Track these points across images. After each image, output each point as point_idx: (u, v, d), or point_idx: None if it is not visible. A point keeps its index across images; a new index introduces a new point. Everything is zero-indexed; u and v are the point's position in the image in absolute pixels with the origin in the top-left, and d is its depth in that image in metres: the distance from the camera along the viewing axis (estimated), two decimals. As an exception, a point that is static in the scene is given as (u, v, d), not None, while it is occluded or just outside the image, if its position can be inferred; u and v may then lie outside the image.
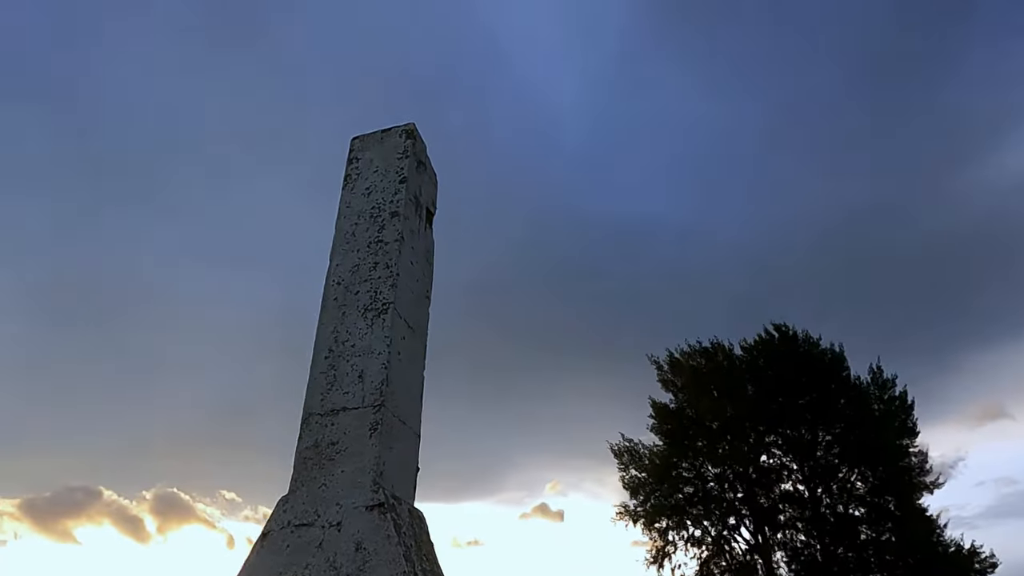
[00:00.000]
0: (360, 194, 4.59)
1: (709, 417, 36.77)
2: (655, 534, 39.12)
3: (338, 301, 4.22)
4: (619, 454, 40.33)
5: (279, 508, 3.61)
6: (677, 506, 38.44)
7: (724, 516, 38.63)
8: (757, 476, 37.43)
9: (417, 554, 3.44)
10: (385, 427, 3.70)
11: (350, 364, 3.94)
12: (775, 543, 37.82)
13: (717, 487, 39.00)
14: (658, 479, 38.07)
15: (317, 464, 3.68)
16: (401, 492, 3.71)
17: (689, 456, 38.01)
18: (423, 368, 4.35)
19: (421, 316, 4.44)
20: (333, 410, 3.82)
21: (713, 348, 38.55)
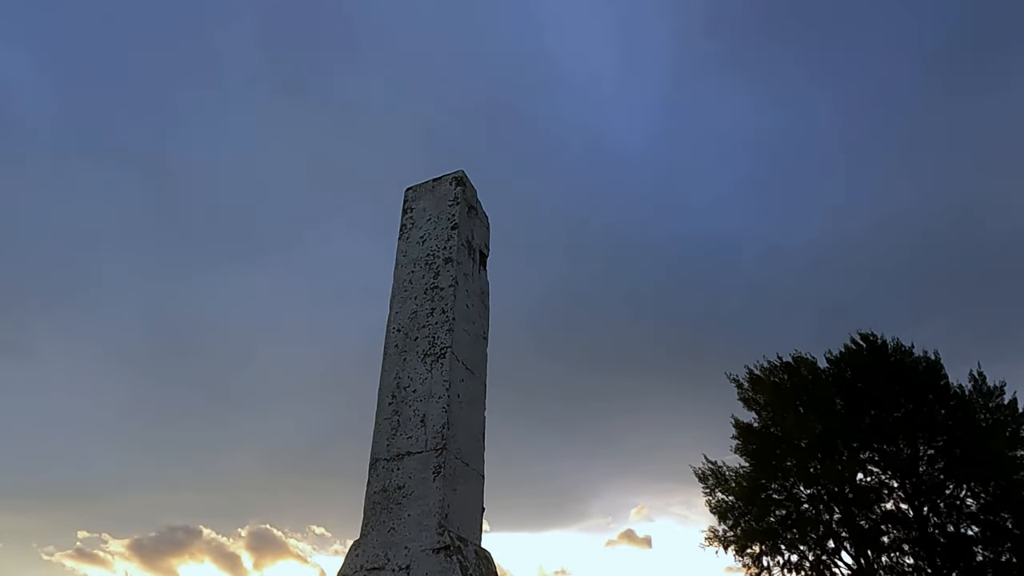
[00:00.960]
0: (415, 242, 4.78)
1: (796, 435, 35.13)
2: (748, 560, 37.38)
3: (399, 347, 4.39)
4: (704, 477, 38.97)
5: (351, 553, 3.76)
6: (769, 530, 36.70)
7: (821, 540, 36.58)
8: (854, 496, 35.32)
9: (484, 596, 3.50)
10: (448, 470, 3.81)
11: (412, 409, 4.08)
12: (880, 567, 35.46)
13: (811, 508, 37.03)
14: (747, 502, 36.53)
15: (385, 508, 3.81)
16: (467, 533, 3.79)
17: (778, 477, 36.34)
18: (484, 409, 4.45)
19: (479, 358, 4.55)
20: (398, 455, 3.96)
21: (796, 362, 36.97)
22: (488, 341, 4.77)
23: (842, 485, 34.80)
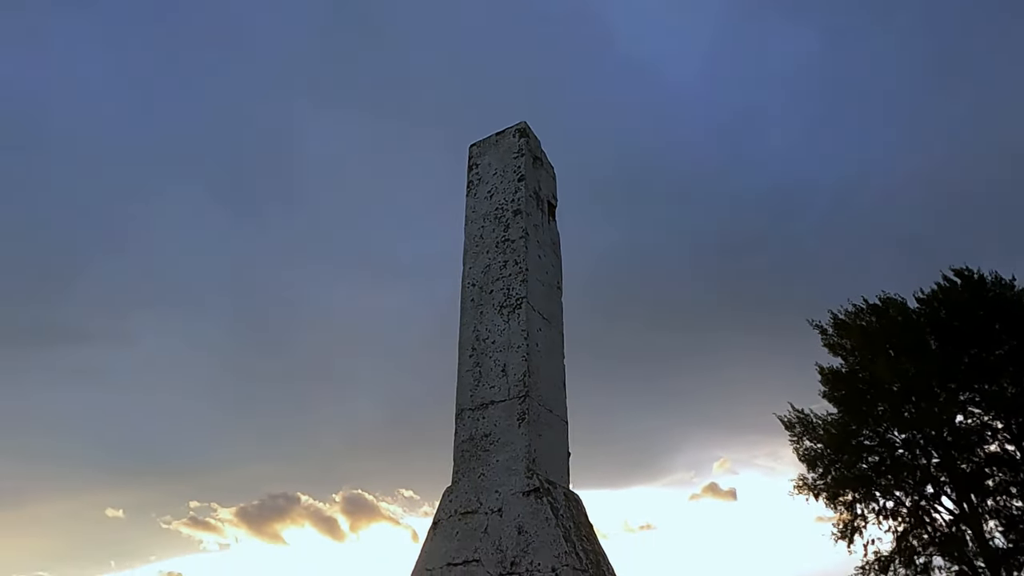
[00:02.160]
0: (483, 198, 4.80)
1: (888, 379, 33.63)
2: (841, 508, 36.48)
3: (475, 301, 4.46)
4: (790, 426, 38.03)
5: (445, 498, 3.90)
6: (862, 476, 35.57)
7: (919, 485, 35.17)
8: (954, 439, 33.66)
9: (577, 535, 3.57)
10: (532, 416, 3.87)
11: (492, 360, 4.15)
12: (985, 511, 33.84)
13: (907, 453, 35.59)
14: (837, 449, 35.46)
15: (474, 456, 3.93)
16: (555, 476, 3.86)
17: (869, 423, 35.03)
18: (563, 357, 4.48)
19: (555, 307, 4.57)
20: (482, 404, 4.05)
21: (884, 304, 35.22)
22: (562, 291, 4.78)
23: (940, 428, 33.22)
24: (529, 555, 3.42)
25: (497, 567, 3.48)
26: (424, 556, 3.77)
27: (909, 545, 36.51)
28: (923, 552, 36.47)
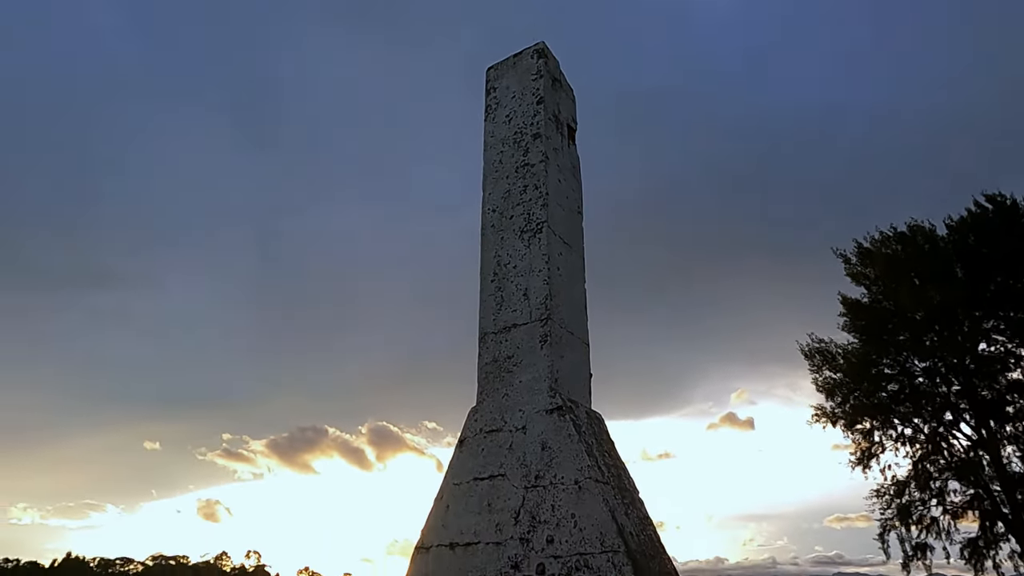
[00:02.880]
0: (501, 122, 4.72)
1: (911, 307, 33.35)
2: (858, 435, 36.92)
3: (495, 227, 4.45)
4: (810, 355, 38.08)
5: (471, 417, 4.02)
6: (881, 405, 35.82)
7: (938, 412, 35.36)
8: (976, 366, 33.57)
9: (599, 450, 3.67)
10: (554, 338, 3.93)
11: (514, 284, 4.18)
12: (1004, 437, 34.04)
13: (927, 382, 35.63)
14: (856, 378, 35.59)
15: (497, 377, 4.01)
16: (577, 396, 3.95)
17: (890, 352, 34.98)
18: (584, 281, 4.49)
19: (575, 231, 4.55)
20: (505, 327, 4.11)
21: (911, 231, 34.52)
22: (583, 216, 4.75)
23: (962, 356, 33.08)
24: (553, 469, 3.55)
25: (522, 480, 3.62)
26: (451, 471, 3.92)
27: (925, 470, 37.01)
28: (939, 477, 36.99)
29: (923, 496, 37.43)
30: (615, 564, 3.15)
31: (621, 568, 3.13)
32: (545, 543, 3.38)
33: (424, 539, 3.81)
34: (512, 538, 3.49)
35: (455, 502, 3.80)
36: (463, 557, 3.61)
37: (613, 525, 3.24)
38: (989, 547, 37.13)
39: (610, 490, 3.45)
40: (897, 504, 37.40)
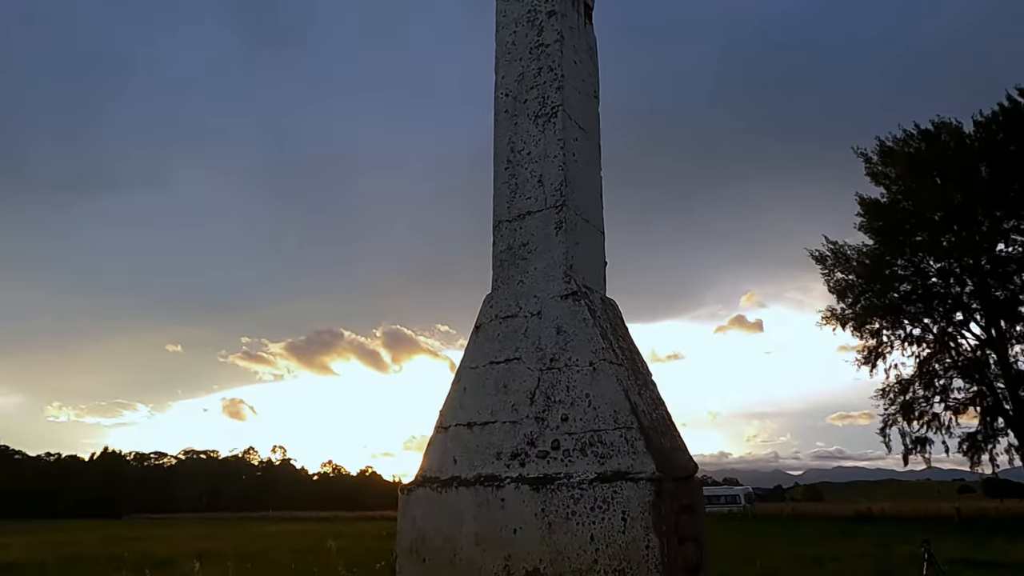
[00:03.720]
0: (514, 0, 4.47)
1: (930, 207, 32.83)
2: (866, 335, 37.41)
3: (508, 112, 4.31)
4: (822, 258, 38.12)
5: (486, 304, 4.06)
6: (892, 306, 36.08)
7: (949, 312, 35.65)
8: (992, 266, 33.45)
9: (613, 334, 3.72)
10: (569, 225, 3.88)
11: (528, 170, 4.10)
12: (1013, 336, 34.34)
13: (940, 282, 35.70)
14: (869, 279, 35.68)
15: (512, 264, 4.01)
16: (591, 283, 3.95)
17: (905, 252, 34.81)
18: (599, 167, 4.39)
19: (591, 116, 4.40)
20: (519, 215, 4.07)
21: (937, 128, 33.40)
22: (599, 100, 4.57)
23: (979, 256, 32.89)
24: (568, 352, 3.60)
25: (537, 363, 3.69)
26: (468, 356, 4.00)
27: (931, 369, 37.68)
28: (944, 375, 37.71)
29: (926, 394, 38.34)
30: (627, 439, 3.26)
31: (633, 443, 3.23)
32: (560, 421, 3.48)
33: (443, 419, 3.95)
34: (528, 417, 3.60)
35: (472, 385, 3.90)
36: (480, 435, 3.75)
37: (626, 403, 3.33)
38: (987, 441, 38.33)
39: (624, 371, 3.52)
40: (901, 401, 38.41)
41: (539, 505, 3.33)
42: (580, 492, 3.23)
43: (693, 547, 3.19)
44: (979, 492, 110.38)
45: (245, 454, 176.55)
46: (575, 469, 3.33)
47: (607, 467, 3.25)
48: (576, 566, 3.14)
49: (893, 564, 15.65)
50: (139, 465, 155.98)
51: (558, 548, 3.21)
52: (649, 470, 3.12)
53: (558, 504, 3.27)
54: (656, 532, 2.98)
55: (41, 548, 25.35)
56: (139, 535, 36.04)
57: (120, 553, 20.84)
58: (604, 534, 3.11)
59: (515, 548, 3.34)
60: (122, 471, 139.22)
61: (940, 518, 39.40)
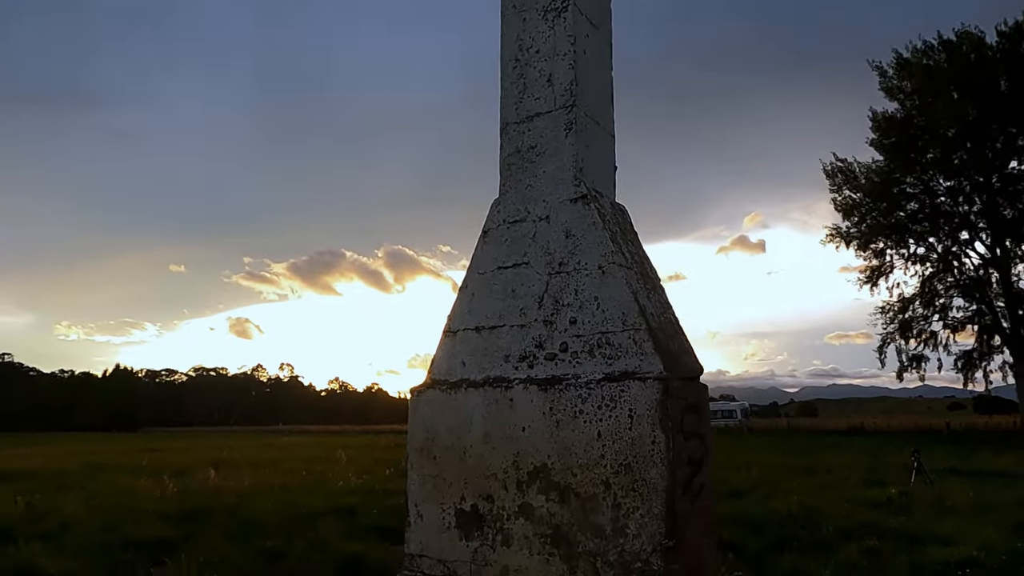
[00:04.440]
0: None
1: (944, 124, 32.03)
2: (870, 255, 37.38)
3: (516, 8, 4.11)
4: (831, 174, 37.58)
5: (493, 209, 4.00)
6: (898, 224, 35.88)
7: (954, 231, 35.50)
8: (1002, 185, 33.01)
9: (623, 238, 3.68)
10: (579, 126, 3.77)
11: (537, 70, 3.94)
12: (1017, 256, 34.27)
13: (948, 201, 35.34)
14: (876, 197, 35.31)
15: (520, 168, 3.92)
16: (601, 188, 3.87)
17: (915, 170, 34.28)
18: (610, 67, 4.22)
19: (602, 10, 4.19)
20: (528, 116, 3.94)
21: (959, 39, 32.10)
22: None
23: (990, 174, 32.40)
24: (576, 256, 3.58)
25: (545, 268, 3.67)
26: (475, 262, 3.98)
27: (932, 288, 37.87)
28: (944, 294, 37.93)
29: (926, 312, 38.75)
30: (636, 340, 3.28)
31: (641, 344, 3.25)
32: (568, 324, 3.50)
33: (451, 324, 3.97)
34: (536, 320, 3.62)
35: (480, 290, 3.90)
36: (488, 339, 3.78)
37: (635, 306, 3.32)
38: (982, 359, 39.00)
39: (633, 275, 3.50)
40: (900, 319, 38.84)
41: (547, 404, 3.39)
42: (588, 391, 3.28)
43: (697, 443, 3.27)
44: (969, 409, 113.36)
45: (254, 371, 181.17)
46: (583, 370, 3.37)
47: (615, 368, 3.28)
48: (583, 461, 3.22)
49: (883, 473, 16.24)
50: (151, 382, 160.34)
51: (566, 444, 3.29)
52: (656, 370, 3.15)
53: (566, 403, 3.33)
54: (662, 428, 3.04)
55: (60, 458, 26.38)
56: (156, 446, 37.43)
57: (138, 462, 21.69)
58: (611, 431, 3.18)
59: (523, 445, 3.43)
60: (135, 387, 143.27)
61: (930, 432, 40.66)
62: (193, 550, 7.72)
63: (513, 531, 3.39)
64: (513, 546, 3.38)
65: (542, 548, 3.29)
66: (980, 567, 6.82)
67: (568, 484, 3.26)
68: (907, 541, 8.24)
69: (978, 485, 13.62)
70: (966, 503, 11.19)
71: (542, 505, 3.32)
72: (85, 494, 13.32)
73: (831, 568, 6.11)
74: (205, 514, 10.69)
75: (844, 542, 8.22)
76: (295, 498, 12.38)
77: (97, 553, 7.69)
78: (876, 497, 11.99)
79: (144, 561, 7.12)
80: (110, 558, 7.57)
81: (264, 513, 10.66)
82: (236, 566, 7.14)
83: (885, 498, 11.89)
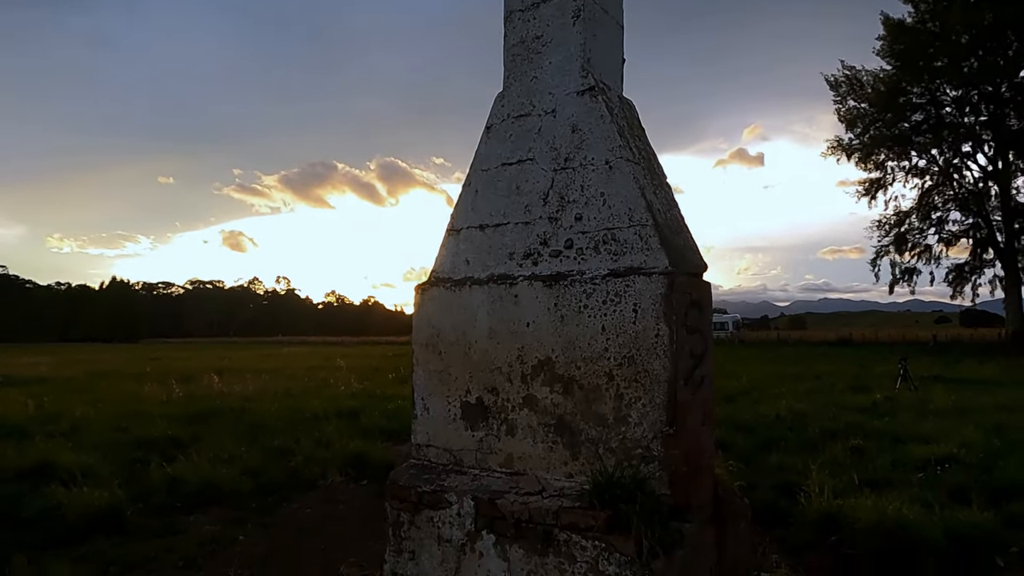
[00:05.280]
0: None
1: (959, 29, 30.83)
2: (871, 167, 36.95)
3: None
4: (836, 85, 36.59)
5: (497, 103, 3.88)
6: (901, 135, 35.28)
7: (957, 143, 34.97)
8: (1011, 94, 32.16)
9: (630, 133, 3.59)
10: (587, 14, 3.59)
11: (544, -49, 3.71)
12: (1019, 169, 33.96)
13: (954, 111, 34.66)
14: (881, 108, 34.53)
15: (525, 59, 3.77)
16: (609, 81, 3.74)
17: (924, 79, 33.36)
18: (620, -49, 3.98)
19: None
20: (533, 3, 3.75)
21: (978, -62, 30.32)
22: None
23: (999, 83, 31.52)
24: (583, 151, 3.50)
25: (551, 163, 3.60)
26: (478, 159, 3.89)
27: (930, 201, 37.75)
28: (942, 207, 37.85)
29: (922, 225, 38.82)
30: (642, 236, 3.26)
31: (647, 239, 3.24)
32: (574, 220, 3.47)
33: (454, 222, 3.94)
34: (541, 218, 3.58)
35: (483, 187, 3.84)
36: (493, 236, 3.75)
37: (642, 201, 3.29)
38: (973, 272, 39.41)
39: (640, 170, 3.44)
40: (896, 232, 38.91)
41: (552, 300, 3.41)
42: (593, 287, 3.29)
43: (699, 337, 3.32)
44: (955, 322, 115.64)
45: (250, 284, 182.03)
46: (588, 266, 3.38)
47: (620, 264, 3.28)
48: (587, 354, 3.28)
49: (870, 380, 16.75)
50: (148, 294, 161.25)
51: (570, 339, 3.34)
52: (662, 265, 3.15)
53: (571, 299, 3.36)
54: (666, 322, 3.08)
55: (65, 366, 26.91)
56: (158, 355, 38.13)
57: (142, 370, 22.15)
58: (615, 325, 3.21)
59: (528, 340, 3.48)
60: (132, 300, 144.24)
61: (917, 344, 41.63)
62: (203, 448, 8.01)
63: (517, 421, 3.50)
64: (518, 435, 3.49)
65: (546, 437, 3.40)
66: (959, 463, 7.16)
67: (572, 376, 3.33)
68: (891, 440, 8.60)
69: (961, 391, 14.09)
70: (948, 407, 11.61)
71: (546, 396, 3.41)
72: (93, 398, 13.68)
73: (817, 465, 6.39)
74: (212, 416, 11.03)
75: (830, 442, 8.58)
76: (299, 403, 12.74)
77: (111, 450, 7.98)
78: (862, 402, 12.43)
79: (156, 458, 7.39)
80: (124, 455, 7.86)
81: (270, 415, 11.00)
82: (246, 462, 7.43)
83: (871, 402, 12.32)
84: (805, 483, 5.79)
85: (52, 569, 4.41)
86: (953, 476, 6.63)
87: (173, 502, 6.12)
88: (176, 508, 6.03)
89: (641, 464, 3.08)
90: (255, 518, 5.93)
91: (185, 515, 5.91)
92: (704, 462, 3.40)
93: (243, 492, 6.50)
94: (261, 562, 4.88)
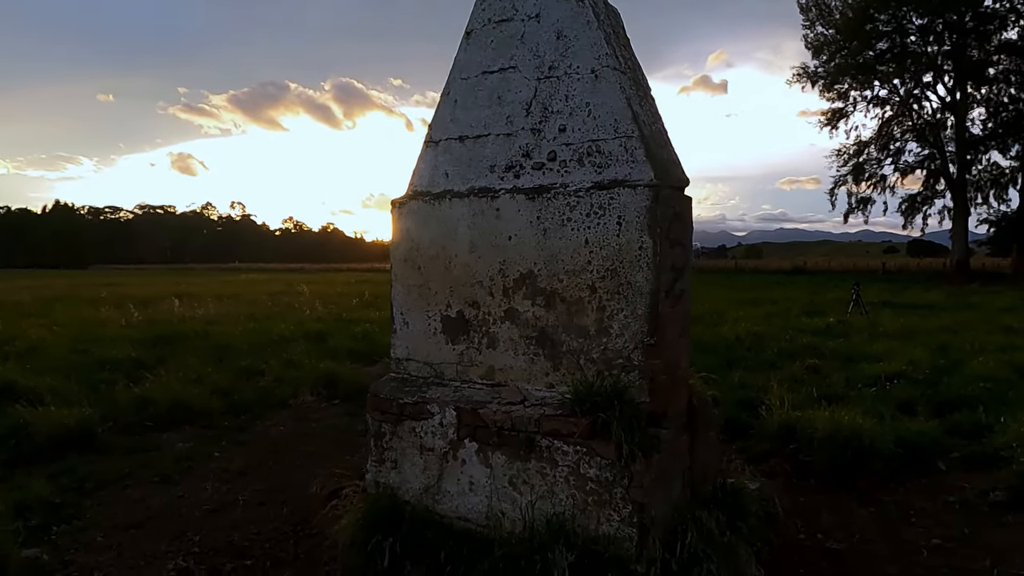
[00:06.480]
0: None
1: (928, -46, 30.42)
2: (834, 95, 37.06)
3: None
4: (805, 9, 36.09)
5: (477, 6, 3.70)
6: (865, 64, 35.34)
7: (920, 72, 35.17)
8: (975, 24, 32.26)
9: (616, 41, 3.48)
10: (574, -89, 3.40)
11: None
12: (976, 101, 34.52)
13: (919, 40, 34.63)
14: (849, 35, 34.37)
15: (507, -40, 3.58)
16: (594, -14, 3.59)
17: (891, 5, 33.06)
18: None
19: None
20: None
21: None
22: None
23: (964, 12, 31.53)
24: (568, 59, 3.39)
25: (535, 72, 3.48)
26: (457, 66, 3.74)
27: (889, 132, 38.31)
28: (900, 138, 38.48)
29: (880, 156, 39.51)
30: (627, 148, 3.22)
31: (633, 151, 3.20)
32: (557, 132, 3.39)
33: (432, 133, 3.82)
34: (523, 129, 3.50)
35: (463, 96, 3.71)
36: (473, 148, 3.66)
37: (628, 112, 3.23)
38: (925, 202, 40.56)
39: (627, 80, 3.36)
40: (854, 162, 39.58)
41: (534, 213, 3.38)
42: (576, 200, 3.26)
43: (680, 251, 3.35)
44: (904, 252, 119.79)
45: (203, 210, 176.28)
46: (572, 179, 3.33)
47: (605, 176, 3.25)
48: (570, 267, 3.29)
49: (823, 306, 17.38)
50: (95, 219, 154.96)
51: (552, 252, 3.34)
52: (647, 177, 3.13)
53: (554, 212, 3.33)
54: (650, 234, 3.09)
55: (13, 291, 25.94)
56: (111, 281, 37.04)
57: (97, 295, 21.53)
58: (599, 238, 3.21)
59: (510, 253, 3.46)
60: (78, 225, 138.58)
61: (868, 272, 43.17)
62: (170, 370, 7.92)
63: (499, 334, 3.52)
64: (499, 348, 3.53)
65: (527, 349, 3.44)
66: (907, 379, 7.57)
67: (554, 289, 3.34)
68: (844, 360, 9.02)
69: (908, 315, 14.76)
70: (897, 329, 12.17)
71: (528, 310, 3.43)
72: (48, 322, 13.29)
73: (776, 381, 6.66)
74: (176, 339, 10.87)
75: (788, 361, 8.94)
76: (264, 326, 12.63)
77: (73, 371, 7.82)
78: (817, 325, 12.93)
79: (122, 379, 7.28)
80: (87, 376, 7.72)
81: (236, 338, 10.89)
82: (215, 382, 7.39)
83: (824, 325, 12.82)
84: (766, 398, 6.06)
85: (30, 484, 4.38)
86: (902, 391, 7.02)
87: (143, 420, 6.09)
88: (147, 427, 6.01)
89: (622, 373, 3.16)
90: (229, 436, 5.96)
91: (157, 433, 5.90)
92: (681, 372, 3.50)
93: (214, 411, 6.50)
94: (238, 476, 4.94)
